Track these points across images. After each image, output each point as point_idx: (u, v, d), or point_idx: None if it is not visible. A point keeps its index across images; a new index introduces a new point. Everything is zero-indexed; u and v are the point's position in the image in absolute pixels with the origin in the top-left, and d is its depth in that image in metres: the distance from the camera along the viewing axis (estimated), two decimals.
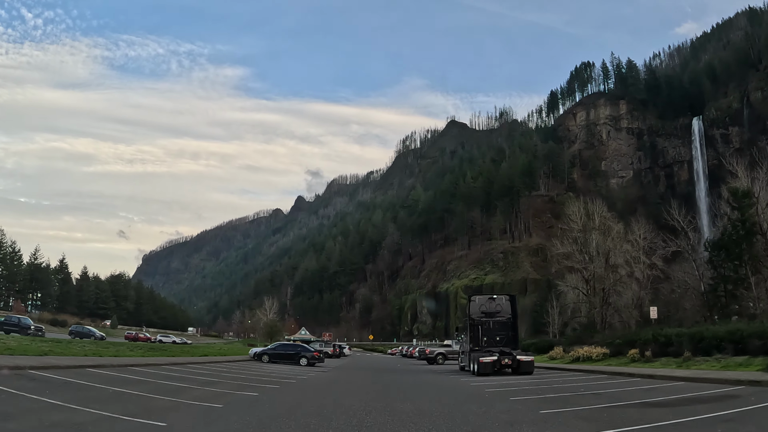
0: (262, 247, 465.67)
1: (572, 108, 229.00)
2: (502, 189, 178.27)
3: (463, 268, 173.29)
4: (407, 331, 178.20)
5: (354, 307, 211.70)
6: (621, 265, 70.26)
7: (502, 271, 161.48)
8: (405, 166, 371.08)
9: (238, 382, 21.00)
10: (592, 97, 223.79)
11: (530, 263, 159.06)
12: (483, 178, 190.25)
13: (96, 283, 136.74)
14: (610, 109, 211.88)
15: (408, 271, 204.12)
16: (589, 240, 65.60)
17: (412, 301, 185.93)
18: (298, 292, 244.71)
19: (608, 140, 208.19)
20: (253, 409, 13.18)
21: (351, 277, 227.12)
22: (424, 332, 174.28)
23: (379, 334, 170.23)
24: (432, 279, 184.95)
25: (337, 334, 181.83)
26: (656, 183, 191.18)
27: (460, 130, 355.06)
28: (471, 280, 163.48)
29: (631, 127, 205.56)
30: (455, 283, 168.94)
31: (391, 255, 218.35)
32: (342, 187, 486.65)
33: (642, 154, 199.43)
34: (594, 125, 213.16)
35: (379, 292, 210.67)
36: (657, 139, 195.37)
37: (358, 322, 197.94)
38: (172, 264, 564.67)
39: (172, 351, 43.34)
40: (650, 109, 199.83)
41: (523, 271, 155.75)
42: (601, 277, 64.88)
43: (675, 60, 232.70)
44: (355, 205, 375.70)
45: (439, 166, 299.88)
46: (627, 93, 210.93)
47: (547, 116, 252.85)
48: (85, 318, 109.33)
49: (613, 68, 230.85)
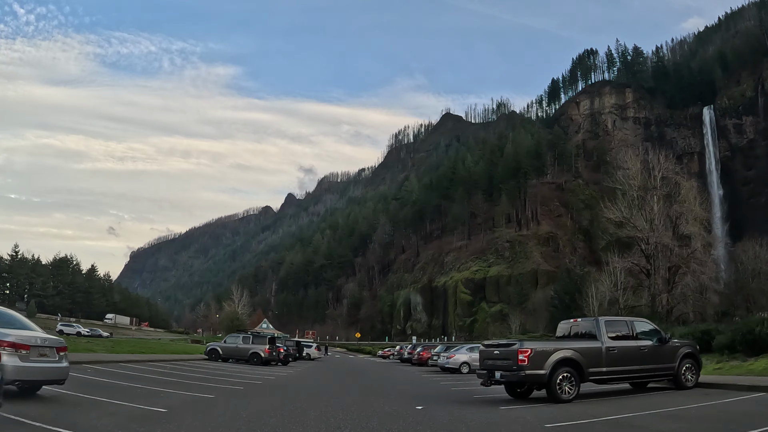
0: (250, 245, 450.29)
1: (575, 96, 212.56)
2: (508, 171, 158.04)
3: (463, 260, 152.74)
4: (399, 330, 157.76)
5: (341, 304, 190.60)
6: (695, 234, 52.00)
7: (508, 262, 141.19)
8: (397, 160, 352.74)
9: None
10: (596, 86, 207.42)
11: (540, 253, 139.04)
12: (485, 161, 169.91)
13: (34, 267, 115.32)
14: (615, 98, 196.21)
15: (401, 265, 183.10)
16: (650, 201, 50.04)
17: (405, 296, 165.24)
18: (282, 287, 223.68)
19: (614, 130, 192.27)
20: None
21: (338, 271, 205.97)
22: (418, 331, 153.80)
23: (368, 332, 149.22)
24: (428, 272, 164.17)
25: (322, 332, 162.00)
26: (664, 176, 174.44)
27: (455, 123, 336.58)
28: (472, 273, 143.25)
29: (637, 117, 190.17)
30: (454, 276, 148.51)
31: (382, 248, 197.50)
32: (333, 185, 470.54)
33: (649, 145, 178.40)
34: (599, 114, 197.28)
35: (369, 287, 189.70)
36: (665, 129, 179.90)
37: (346, 319, 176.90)
38: (159, 261, 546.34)
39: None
40: (658, 98, 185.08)
41: (533, 262, 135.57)
42: (666, 251, 48.26)
43: (677, 55, 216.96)
44: (345, 201, 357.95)
45: (434, 159, 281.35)
46: (633, 81, 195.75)
47: (548, 106, 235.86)
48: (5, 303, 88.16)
49: (619, 55, 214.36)
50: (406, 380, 27.16)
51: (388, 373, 34.57)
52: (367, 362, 57.05)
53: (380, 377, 29.58)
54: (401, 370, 38.13)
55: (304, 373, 30.81)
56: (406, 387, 21.89)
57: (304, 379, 26.18)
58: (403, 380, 27.14)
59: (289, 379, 25.10)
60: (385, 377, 29.76)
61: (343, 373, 32.80)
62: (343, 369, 39.29)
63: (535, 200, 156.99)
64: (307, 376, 28.93)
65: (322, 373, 31.95)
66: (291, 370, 32.72)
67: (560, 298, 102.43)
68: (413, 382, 25.78)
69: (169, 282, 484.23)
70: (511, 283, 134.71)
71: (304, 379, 25.66)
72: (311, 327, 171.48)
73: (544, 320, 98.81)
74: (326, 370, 36.78)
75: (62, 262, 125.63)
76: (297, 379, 25.01)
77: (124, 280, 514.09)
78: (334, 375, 31.06)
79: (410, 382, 25.87)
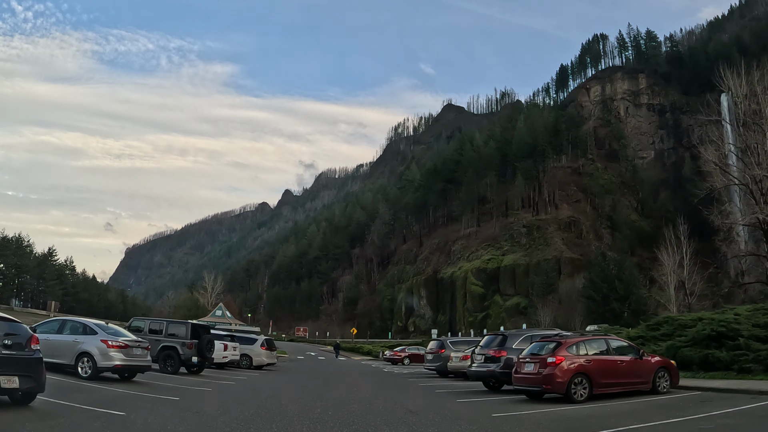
0: (246, 241, 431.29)
1: (585, 83, 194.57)
2: (523, 149, 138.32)
3: (472, 248, 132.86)
4: (401, 326, 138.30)
5: (337, 298, 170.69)
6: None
7: (525, 250, 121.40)
8: (397, 153, 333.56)
9: None
10: (607, 71, 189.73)
11: (562, 239, 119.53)
12: (495, 141, 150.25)
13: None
14: (628, 84, 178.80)
15: (402, 256, 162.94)
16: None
17: (408, 290, 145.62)
18: (274, 281, 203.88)
19: (626, 117, 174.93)
20: None
21: (334, 263, 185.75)
22: (422, 328, 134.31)
23: (365, 329, 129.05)
24: (432, 263, 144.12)
25: (316, 328, 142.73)
26: (680, 164, 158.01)
27: (457, 114, 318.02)
28: (484, 262, 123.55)
29: (651, 103, 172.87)
30: (463, 266, 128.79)
31: (382, 238, 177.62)
32: (330, 181, 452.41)
33: (664, 133, 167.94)
34: (610, 100, 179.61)
35: (367, 280, 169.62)
36: (681, 116, 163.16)
37: (341, 315, 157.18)
38: (155, 258, 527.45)
39: None
40: (673, 84, 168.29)
41: (554, 249, 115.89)
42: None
43: (692, 40, 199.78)
44: (343, 196, 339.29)
45: (435, 151, 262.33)
46: (647, 66, 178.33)
47: (556, 93, 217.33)
48: None
49: (630, 40, 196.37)
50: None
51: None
52: (368, 372, 34.09)
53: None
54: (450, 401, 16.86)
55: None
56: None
57: None
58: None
59: None
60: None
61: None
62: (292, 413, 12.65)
63: (554, 183, 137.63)
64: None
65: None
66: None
67: (596, 287, 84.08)
68: None
69: (164, 278, 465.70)
70: (529, 273, 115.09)
71: None
72: (304, 323, 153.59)
73: (579, 313, 79.74)
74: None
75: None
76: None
77: (119, 277, 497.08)
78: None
79: None
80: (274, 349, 33.85)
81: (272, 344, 33.73)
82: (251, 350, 31.00)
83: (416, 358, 47.03)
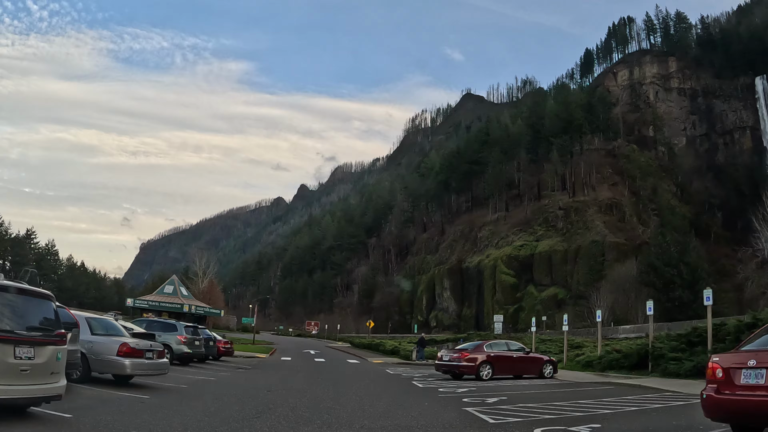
0: (261, 236, 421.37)
1: (612, 67, 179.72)
2: (557, 124, 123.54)
3: (502, 234, 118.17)
4: (422, 321, 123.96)
5: (352, 291, 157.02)
6: None
7: (562, 235, 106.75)
8: (414, 144, 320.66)
9: None
10: (635, 55, 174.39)
11: (603, 223, 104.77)
12: (524, 120, 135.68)
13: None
14: (657, 67, 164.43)
15: (422, 245, 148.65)
16: None
17: (429, 281, 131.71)
18: (286, 273, 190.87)
19: (656, 102, 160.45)
20: None
21: (349, 253, 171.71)
22: (445, 323, 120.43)
23: (382, 324, 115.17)
24: (456, 251, 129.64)
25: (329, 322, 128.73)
26: (714, 152, 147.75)
27: (476, 103, 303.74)
28: (516, 249, 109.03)
29: (683, 88, 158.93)
30: (492, 253, 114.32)
31: (400, 227, 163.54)
32: (346, 175, 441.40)
33: (696, 119, 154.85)
34: (639, 85, 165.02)
35: (385, 272, 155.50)
36: (714, 101, 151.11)
37: (357, 309, 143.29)
38: (169, 253, 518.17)
39: None
40: (705, 68, 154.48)
41: (595, 233, 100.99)
42: None
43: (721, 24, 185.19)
44: (359, 188, 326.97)
45: (454, 141, 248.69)
46: (677, 49, 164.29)
47: (581, 79, 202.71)
48: None
49: (659, 22, 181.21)
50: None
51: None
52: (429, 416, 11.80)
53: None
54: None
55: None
56: None
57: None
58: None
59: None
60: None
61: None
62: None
63: (589, 163, 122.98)
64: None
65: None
66: None
67: (658, 272, 69.99)
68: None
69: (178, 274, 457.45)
70: (567, 260, 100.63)
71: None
72: (317, 317, 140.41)
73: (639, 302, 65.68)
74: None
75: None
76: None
77: (134, 272, 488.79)
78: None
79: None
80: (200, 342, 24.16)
81: (201, 333, 24.33)
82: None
83: (505, 363, 23.23)
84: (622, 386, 18.56)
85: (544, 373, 23.46)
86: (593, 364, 27.06)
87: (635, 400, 13.84)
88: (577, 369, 27.85)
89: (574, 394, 15.90)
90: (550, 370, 23.74)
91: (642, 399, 14.23)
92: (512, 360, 23.46)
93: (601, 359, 26.51)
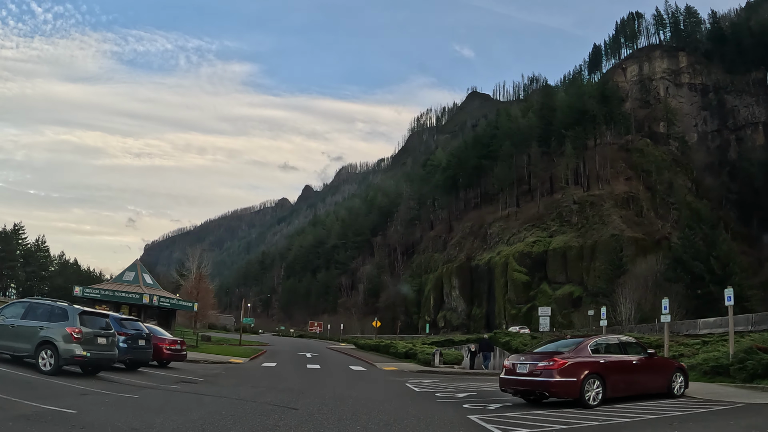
0: (265, 236, 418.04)
1: (621, 62, 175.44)
2: (570, 115, 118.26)
3: (513, 230, 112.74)
4: (429, 321, 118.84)
5: (357, 290, 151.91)
6: None
7: (577, 230, 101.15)
8: (420, 143, 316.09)
9: None
10: (644, 50, 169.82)
11: (620, 217, 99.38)
12: (534, 113, 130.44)
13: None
14: (667, 62, 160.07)
15: (429, 243, 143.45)
16: None
17: (437, 280, 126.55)
18: (289, 273, 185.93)
19: (667, 97, 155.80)
20: None
21: (354, 252, 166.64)
22: (453, 323, 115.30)
23: (388, 324, 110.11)
24: (465, 249, 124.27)
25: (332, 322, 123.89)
26: (726, 148, 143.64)
27: (482, 101, 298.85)
28: (528, 245, 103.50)
29: (693, 83, 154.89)
30: (503, 250, 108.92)
31: (406, 225, 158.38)
32: (351, 175, 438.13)
33: (708, 114, 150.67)
34: (649, 80, 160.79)
35: (390, 271, 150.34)
36: (725, 96, 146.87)
37: (362, 309, 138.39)
38: (173, 254, 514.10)
39: None
40: (716, 62, 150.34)
41: (612, 227, 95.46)
42: None
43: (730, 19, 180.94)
44: (364, 188, 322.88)
45: (460, 140, 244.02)
46: (687, 44, 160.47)
47: (589, 75, 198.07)
48: None
49: (668, 17, 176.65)
50: None
51: None
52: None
53: None
54: None
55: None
56: None
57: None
58: None
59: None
60: None
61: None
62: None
63: (603, 156, 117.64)
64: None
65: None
66: None
67: (685, 267, 64.83)
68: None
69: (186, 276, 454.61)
70: (583, 257, 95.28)
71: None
72: (320, 317, 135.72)
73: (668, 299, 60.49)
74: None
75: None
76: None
77: None
78: None
79: None
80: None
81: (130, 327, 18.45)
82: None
83: (622, 374, 14.51)
84: None
85: (673, 388, 15.48)
86: (729, 371, 18.30)
87: None
88: (700, 378, 19.08)
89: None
90: (681, 383, 15.76)
91: None
92: (632, 369, 14.73)
93: (743, 364, 17.62)
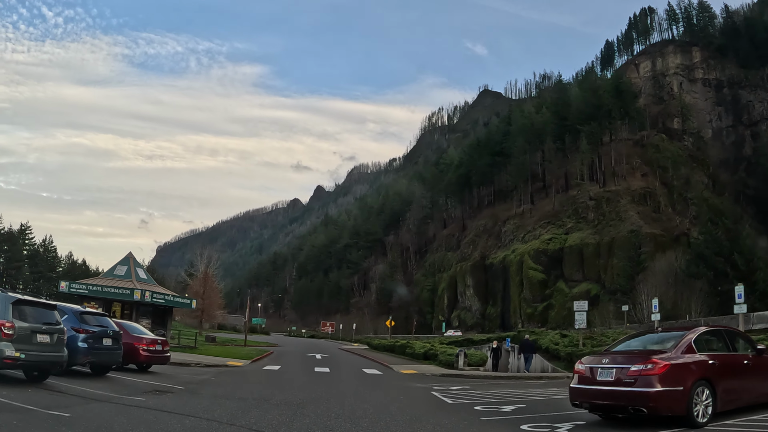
0: (277, 237, 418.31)
1: (634, 58, 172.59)
2: (585, 110, 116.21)
3: (528, 227, 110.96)
4: (443, 321, 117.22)
5: (369, 290, 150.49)
6: None
7: (593, 227, 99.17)
8: (432, 142, 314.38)
9: None
10: (657, 46, 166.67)
11: (638, 213, 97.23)
12: (548, 109, 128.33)
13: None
14: (681, 58, 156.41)
15: (443, 242, 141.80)
16: None
17: (450, 279, 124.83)
18: (301, 273, 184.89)
19: (680, 93, 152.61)
20: None
21: (366, 251, 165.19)
22: (468, 323, 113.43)
23: (401, 324, 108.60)
24: (479, 247, 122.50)
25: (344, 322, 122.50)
26: (741, 144, 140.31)
27: (494, 99, 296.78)
28: (544, 243, 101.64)
29: (707, 78, 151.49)
30: (517, 248, 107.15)
31: (418, 224, 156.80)
32: (363, 176, 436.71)
33: (722, 110, 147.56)
34: (662, 76, 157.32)
35: (403, 270, 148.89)
36: (740, 91, 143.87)
37: (375, 309, 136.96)
38: (186, 255, 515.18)
39: None
40: (730, 57, 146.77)
41: (630, 223, 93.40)
42: None
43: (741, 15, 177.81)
44: (376, 188, 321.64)
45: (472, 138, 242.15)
46: (701, 39, 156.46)
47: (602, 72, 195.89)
48: None
49: (681, 12, 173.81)
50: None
51: None
52: None
53: None
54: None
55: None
56: None
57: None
58: None
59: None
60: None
61: None
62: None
63: (619, 152, 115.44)
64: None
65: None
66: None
67: (708, 263, 62.63)
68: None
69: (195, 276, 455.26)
70: (600, 254, 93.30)
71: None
72: (333, 318, 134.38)
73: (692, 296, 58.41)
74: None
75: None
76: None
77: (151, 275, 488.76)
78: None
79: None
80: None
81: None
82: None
83: (735, 378, 10.99)
84: None
85: None
86: None
87: None
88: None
89: None
90: None
91: None
92: (743, 371, 10.95)
93: None
